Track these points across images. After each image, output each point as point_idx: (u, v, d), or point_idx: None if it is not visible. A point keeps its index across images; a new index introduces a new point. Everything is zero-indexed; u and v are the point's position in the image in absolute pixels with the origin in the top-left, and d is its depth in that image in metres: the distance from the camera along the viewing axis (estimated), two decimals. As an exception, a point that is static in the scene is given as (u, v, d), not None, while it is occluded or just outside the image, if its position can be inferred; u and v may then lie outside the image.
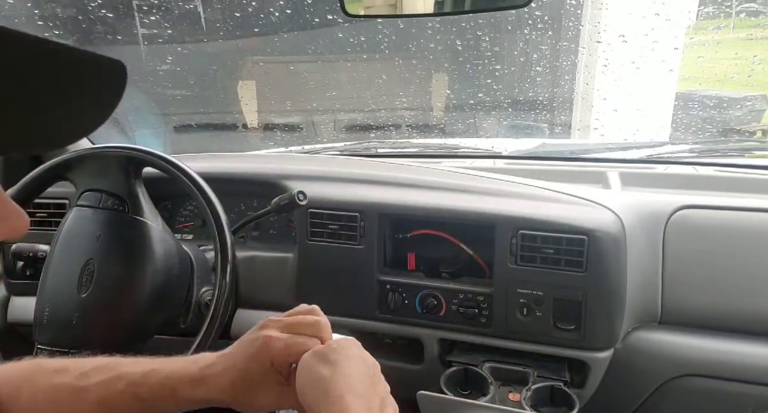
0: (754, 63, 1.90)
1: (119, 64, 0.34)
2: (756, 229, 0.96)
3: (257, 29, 2.62)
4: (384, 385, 0.58)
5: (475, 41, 2.41)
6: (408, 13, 1.09)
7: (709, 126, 2.20)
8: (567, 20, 2.25)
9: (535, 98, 2.40)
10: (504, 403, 0.91)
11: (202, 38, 2.70)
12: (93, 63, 0.32)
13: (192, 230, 1.28)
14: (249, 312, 1.15)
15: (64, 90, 0.31)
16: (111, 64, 0.33)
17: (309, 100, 2.74)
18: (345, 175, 1.15)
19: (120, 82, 0.34)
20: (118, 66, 0.34)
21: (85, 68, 0.32)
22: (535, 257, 0.94)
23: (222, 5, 2.64)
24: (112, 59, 0.33)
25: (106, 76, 0.33)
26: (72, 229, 0.94)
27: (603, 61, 1.96)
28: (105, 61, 0.33)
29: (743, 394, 0.95)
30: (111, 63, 0.33)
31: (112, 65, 0.33)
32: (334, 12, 2.27)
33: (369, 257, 1.04)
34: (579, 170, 1.34)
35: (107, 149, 0.96)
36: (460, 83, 2.67)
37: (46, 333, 0.90)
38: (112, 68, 0.33)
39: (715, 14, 2.29)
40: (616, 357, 0.97)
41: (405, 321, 1.04)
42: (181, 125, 2.46)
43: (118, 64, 0.34)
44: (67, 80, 0.31)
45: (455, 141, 1.69)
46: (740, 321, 0.95)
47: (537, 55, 2.47)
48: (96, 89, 0.33)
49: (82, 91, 0.32)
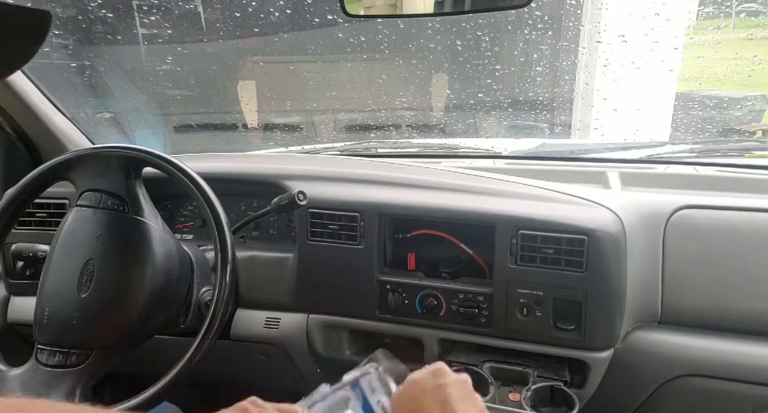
0: (754, 63, 1.90)
1: (43, 13, 0.35)
2: (756, 229, 0.96)
3: (257, 29, 2.62)
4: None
5: (475, 41, 2.41)
6: (408, 13, 1.09)
7: (709, 126, 2.20)
8: (567, 20, 2.25)
9: (535, 98, 2.40)
10: (504, 403, 0.91)
11: (202, 38, 2.70)
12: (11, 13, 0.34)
13: (192, 230, 1.28)
14: (249, 312, 1.15)
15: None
16: (33, 14, 0.35)
17: (309, 100, 2.75)
18: (345, 175, 1.15)
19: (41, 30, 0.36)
20: (41, 14, 0.35)
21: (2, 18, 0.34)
22: (535, 257, 0.94)
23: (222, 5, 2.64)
24: (36, 9, 0.35)
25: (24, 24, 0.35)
26: (72, 229, 0.94)
27: (603, 61, 1.96)
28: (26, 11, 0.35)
29: (743, 394, 0.95)
30: (33, 12, 0.35)
31: (35, 14, 0.35)
32: (334, 12, 2.27)
33: (369, 257, 1.04)
34: (579, 170, 1.34)
35: (107, 149, 0.96)
36: (460, 83, 2.67)
37: (46, 333, 0.90)
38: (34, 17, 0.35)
39: (715, 14, 2.29)
40: (616, 357, 0.97)
41: (405, 321, 1.04)
42: (181, 125, 2.47)
43: (42, 13, 0.35)
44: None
45: (455, 141, 1.69)
46: (740, 321, 0.95)
47: (537, 55, 2.47)
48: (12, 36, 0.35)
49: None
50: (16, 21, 0.34)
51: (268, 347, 1.14)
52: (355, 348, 1.13)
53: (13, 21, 0.34)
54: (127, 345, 0.93)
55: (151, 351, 0.98)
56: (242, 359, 1.19)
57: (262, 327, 1.13)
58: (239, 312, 1.15)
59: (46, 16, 0.35)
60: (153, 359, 0.95)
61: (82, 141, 1.42)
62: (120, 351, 0.93)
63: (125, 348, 0.93)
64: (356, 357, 1.11)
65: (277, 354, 1.15)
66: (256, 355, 1.17)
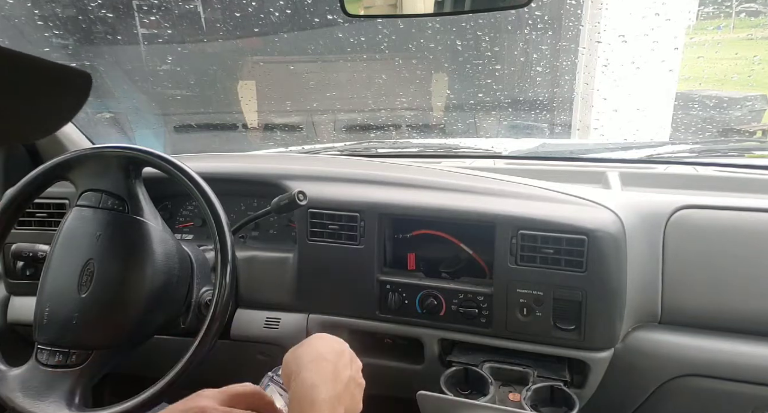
0: (754, 63, 1.90)
1: (85, 75, 0.37)
2: (756, 229, 0.96)
3: (257, 29, 2.62)
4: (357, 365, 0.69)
5: (475, 41, 2.41)
6: (408, 13, 1.09)
7: (709, 126, 2.20)
8: (567, 20, 2.25)
9: (535, 98, 2.40)
10: (504, 403, 0.91)
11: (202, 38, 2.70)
12: (58, 72, 0.35)
13: (192, 230, 1.28)
14: (249, 312, 1.15)
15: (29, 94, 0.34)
16: (77, 75, 0.37)
17: (309, 100, 2.75)
18: (345, 175, 1.15)
19: (83, 91, 0.38)
20: (84, 76, 0.37)
21: (49, 76, 0.35)
22: (535, 257, 0.94)
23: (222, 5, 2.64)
24: (79, 70, 0.36)
25: (71, 84, 0.37)
26: (72, 229, 0.94)
27: (603, 61, 1.96)
28: (71, 71, 0.36)
29: (743, 394, 0.95)
30: (77, 73, 0.36)
31: (78, 75, 0.37)
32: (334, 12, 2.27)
33: (369, 257, 1.04)
34: (579, 170, 1.34)
35: (107, 149, 0.96)
36: (460, 83, 2.67)
37: (46, 333, 0.90)
38: (77, 78, 0.37)
39: (715, 14, 2.29)
40: (616, 357, 0.97)
41: (405, 321, 1.04)
42: (181, 125, 2.46)
43: (84, 75, 0.37)
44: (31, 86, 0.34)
45: (455, 141, 1.69)
46: (740, 320, 0.95)
47: (537, 55, 2.47)
48: (58, 96, 0.37)
49: (44, 97, 0.36)
50: (58, 78, 0.36)
51: (268, 347, 1.14)
52: (355, 348, 1.12)
53: (55, 78, 0.36)
54: (127, 345, 0.93)
55: (151, 351, 0.98)
56: (242, 359, 1.19)
57: (262, 327, 1.13)
58: (239, 311, 1.15)
59: (87, 77, 0.37)
60: (153, 359, 0.95)
61: (82, 141, 1.42)
62: (120, 351, 0.92)
63: (125, 348, 0.93)
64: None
65: (277, 354, 1.15)
66: (256, 355, 1.17)
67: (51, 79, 0.35)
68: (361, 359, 0.70)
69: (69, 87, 0.37)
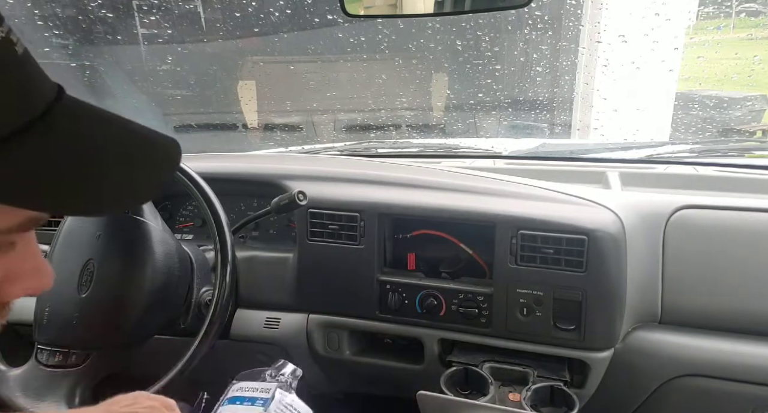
0: (754, 63, 1.90)
1: (173, 142, 0.38)
2: (756, 229, 0.96)
3: (257, 29, 2.62)
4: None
5: (475, 41, 2.41)
6: (408, 13, 1.09)
7: (709, 126, 2.20)
8: (567, 20, 2.25)
9: (535, 98, 2.40)
10: (504, 403, 0.91)
11: (202, 38, 2.70)
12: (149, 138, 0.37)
13: (192, 230, 1.28)
14: (249, 312, 1.15)
15: (141, 164, 0.36)
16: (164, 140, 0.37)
17: (309, 100, 2.75)
18: (345, 175, 1.15)
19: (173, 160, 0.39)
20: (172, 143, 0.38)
21: (145, 144, 0.36)
22: (535, 257, 0.94)
23: (222, 5, 2.64)
24: (166, 136, 0.38)
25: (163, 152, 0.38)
26: (72, 229, 0.94)
27: (603, 61, 1.96)
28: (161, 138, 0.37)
29: (743, 394, 0.95)
30: (164, 139, 0.37)
31: (166, 141, 0.38)
32: (334, 12, 2.27)
33: (369, 257, 1.04)
34: (579, 170, 1.34)
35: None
36: (460, 83, 2.67)
37: (46, 333, 0.90)
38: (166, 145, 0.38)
39: (715, 14, 2.29)
40: (616, 357, 0.97)
41: (405, 320, 1.04)
42: (181, 125, 2.46)
43: (172, 141, 0.38)
44: (144, 157, 0.36)
45: (455, 141, 1.69)
46: (740, 320, 0.95)
47: (537, 55, 2.47)
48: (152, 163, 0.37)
49: (148, 167, 0.37)
50: (154, 146, 0.37)
51: (268, 347, 1.14)
52: (355, 348, 1.13)
53: (151, 145, 0.36)
54: (127, 345, 0.93)
55: (151, 351, 0.98)
56: (242, 359, 1.19)
57: (262, 327, 1.13)
58: (239, 312, 1.15)
59: (177, 146, 0.38)
60: (153, 359, 0.95)
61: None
62: (120, 351, 0.93)
63: (125, 348, 0.93)
64: (356, 357, 1.11)
65: (277, 354, 1.15)
66: (256, 355, 1.17)
67: (148, 146, 0.36)
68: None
69: (163, 156, 0.38)
